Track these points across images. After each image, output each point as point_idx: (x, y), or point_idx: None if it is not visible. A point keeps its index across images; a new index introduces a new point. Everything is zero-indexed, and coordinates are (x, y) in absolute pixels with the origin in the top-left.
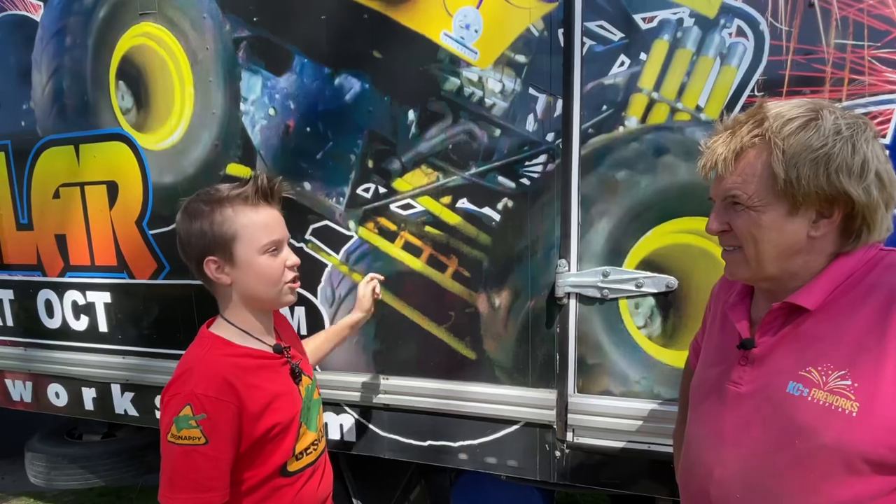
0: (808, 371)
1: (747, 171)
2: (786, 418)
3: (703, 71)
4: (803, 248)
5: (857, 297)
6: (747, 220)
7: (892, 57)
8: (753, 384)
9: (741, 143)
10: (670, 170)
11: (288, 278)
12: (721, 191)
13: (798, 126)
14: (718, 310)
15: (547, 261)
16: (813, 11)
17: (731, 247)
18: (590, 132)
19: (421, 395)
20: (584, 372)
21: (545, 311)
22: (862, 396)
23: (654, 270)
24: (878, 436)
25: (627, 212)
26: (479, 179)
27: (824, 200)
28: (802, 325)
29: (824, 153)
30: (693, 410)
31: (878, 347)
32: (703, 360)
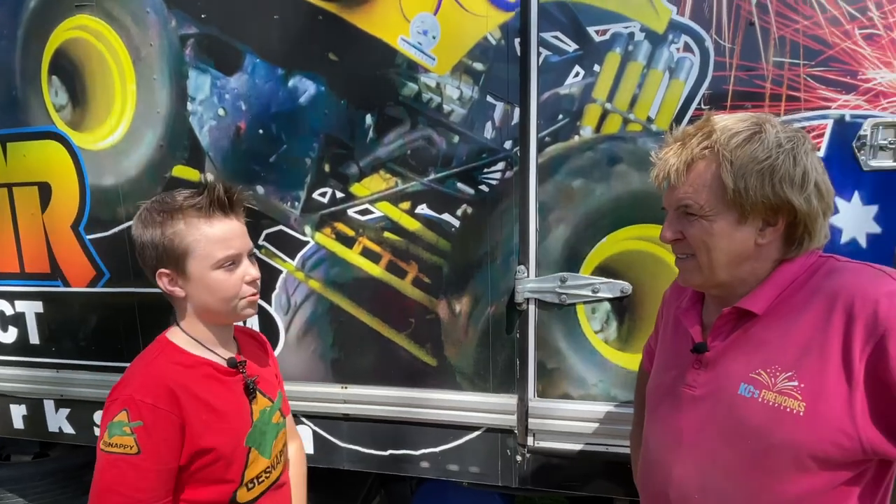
0: (757, 373)
1: (698, 181)
2: (738, 419)
3: (653, 84)
4: (751, 255)
5: (801, 301)
6: (700, 228)
7: (825, 75)
8: (707, 387)
9: (692, 154)
10: (623, 178)
11: (245, 293)
12: (674, 200)
13: (744, 139)
14: (671, 315)
15: (506, 267)
16: (754, 29)
17: (685, 255)
18: (546, 140)
19: (382, 404)
20: (544, 376)
21: (505, 317)
22: (808, 396)
23: (609, 276)
24: (823, 434)
25: (583, 219)
26: (439, 185)
27: (769, 209)
28: (751, 329)
29: (769, 165)
30: (650, 413)
31: (822, 350)
32: (657, 364)
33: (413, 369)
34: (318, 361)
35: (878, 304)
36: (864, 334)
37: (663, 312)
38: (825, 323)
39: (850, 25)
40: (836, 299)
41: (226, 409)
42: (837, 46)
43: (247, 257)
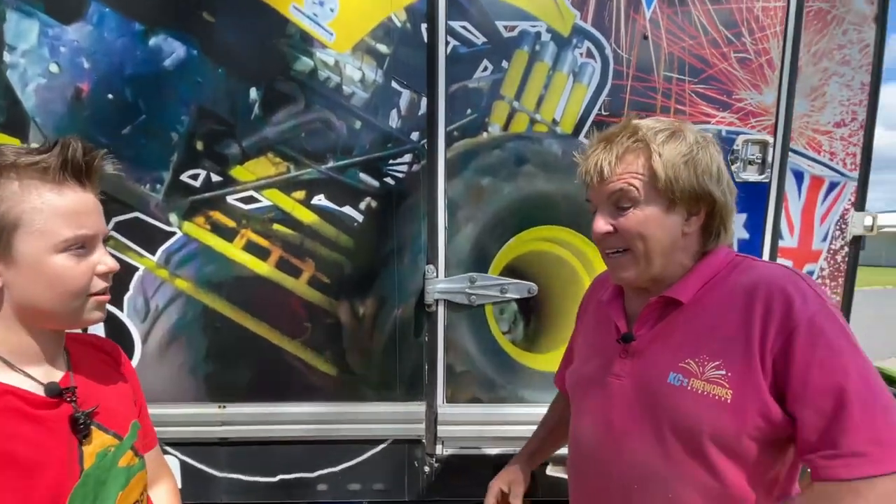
0: (686, 363)
1: (631, 170)
2: (669, 407)
3: (558, 86)
4: (679, 245)
5: (725, 295)
6: (634, 218)
7: (706, 92)
8: (636, 376)
9: (623, 147)
10: (530, 179)
11: (96, 288)
12: (605, 191)
13: (667, 136)
14: (591, 308)
15: (414, 266)
16: (647, 43)
17: (618, 249)
18: (455, 135)
19: (270, 423)
20: (453, 381)
21: (413, 320)
22: (734, 384)
23: (516, 276)
24: (747, 418)
25: (492, 218)
26: (339, 175)
27: (694, 199)
28: (677, 318)
29: (691, 157)
30: (577, 405)
31: (745, 341)
32: (581, 356)
33: (309, 381)
34: (186, 378)
35: (793, 303)
36: (777, 329)
37: (584, 307)
38: (747, 317)
39: (727, 48)
40: (757, 295)
41: (35, 459)
42: (716, 67)
43: (102, 243)
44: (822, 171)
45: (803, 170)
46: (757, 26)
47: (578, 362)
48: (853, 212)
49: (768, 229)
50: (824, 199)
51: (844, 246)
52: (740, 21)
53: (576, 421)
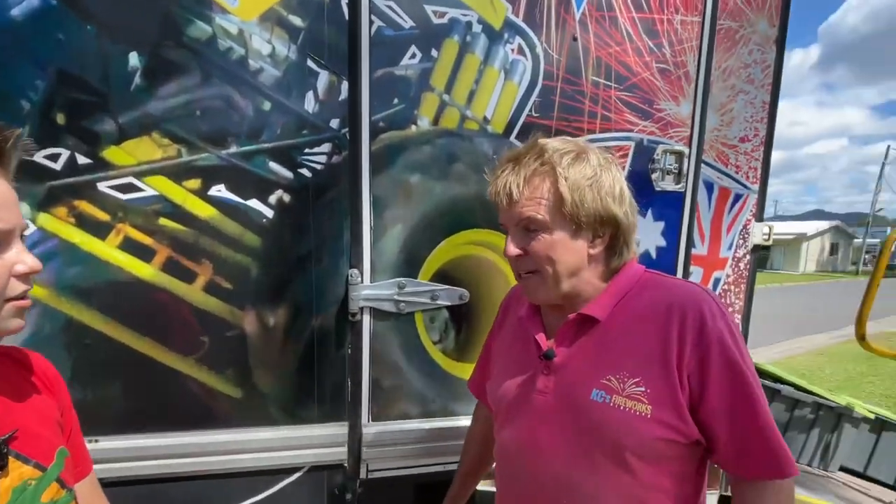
0: (608, 379)
1: (537, 195)
2: (593, 423)
3: (489, 82)
4: (585, 266)
5: (640, 311)
6: (542, 242)
7: (630, 100)
8: (559, 393)
9: (530, 170)
10: (461, 179)
11: (14, 292)
12: (515, 216)
13: (572, 159)
14: (508, 321)
15: (335, 270)
16: (577, 46)
17: (528, 272)
18: (381, 126)
19: (157, 458)
20: (379, 397)
21: (334, 330)
22: (652, 399)
23: (447, 282)
24: (666, 431)
25: (422, 219)
26: (243, 162)
27: (598, 222)
28: (595, 335)
29: (595, 180)
30: (503, 420)
31: (661, 358)
32: (503, 370)
33: (207, 406)
34: None
35: (706, 323)
36: (692, 347)
37: (502, 318)
38: (664, 335)
39: (650, 58)
40: (672, 314)
41: None
42: (640, 75)
43: (19, 238)
44: (728, 183)
45: (713, 181)
46: (676, 38)
47: (501, 376)
48: (754, 222)
49: (683, 237)
50: (730, 209)
51: (746, 254)
52: (661, 32)
53: (501, 434)
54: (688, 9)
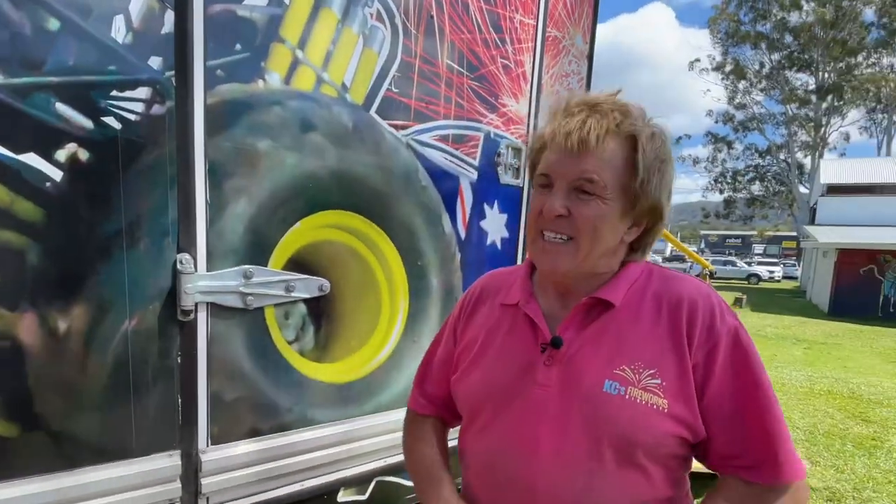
0: (621, 369)
1: (609, 156)
2: (608, 417)
3: (347, 45)
4: (614, 249)
5: (650, 302)
6: (595, 209)
7: (479, 91)
8: (565, 385)
9: (612, 125)
10: (318, 151)
11: None
12: (577, 171)
13: (651, 133)
14: (483, 312)
15: (157, 255)
16: (433, 25)
17: (563, 236)
18: (219, 74)
19: None
20: (221, 413)
21: (157, 335)
22: (668, 394)
23: (304, 271)
24: (681, 428)
25: (272, 195)
26: (15, 100)
27: (647, 209)
28: (607, 322)
29: (665, 166)
30: (486, 420)
31: (675, 350)
32: (481, 365)
33: None
34: None
35: (715, 318)
36: (701, 341)
37: (473, 311)
38: (676, 324)
39: (496, 52)
40: (681, 305)
41: None
42: (487, 67)
43: None
44: None
45: None
46: (516, 37)
47: (481, 373)
48: None
49: (521, 229)
50: None
51: None
52: (505, 28)
53: (481, 440)
54: (525, 10)
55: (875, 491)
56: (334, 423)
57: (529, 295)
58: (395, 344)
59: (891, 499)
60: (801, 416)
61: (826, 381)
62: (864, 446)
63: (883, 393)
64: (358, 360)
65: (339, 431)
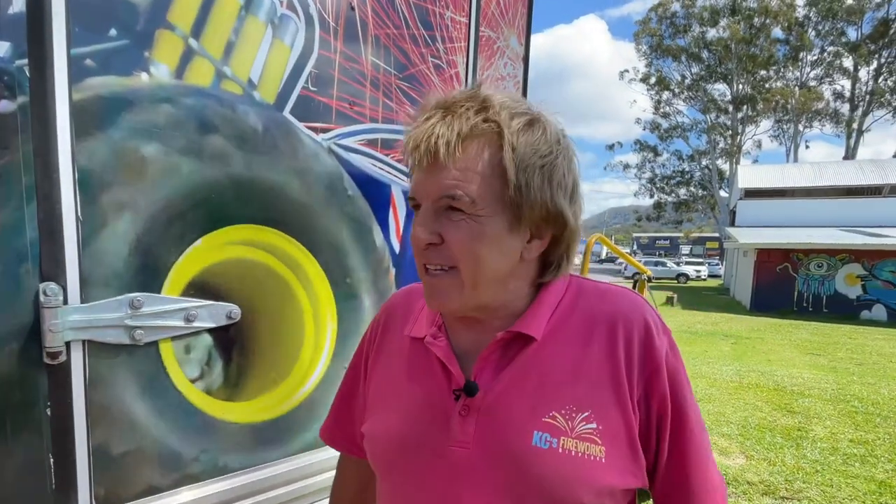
0: (551, 416)
1: (471, 165)
2: (539, 478)
3: (253, 35)
4: (515, 272)
5: (581, 328)
6: (469, 231)
7: (410, 92)
8: (486, 441)
9: (468, 125)
10: (222, 157)
11: None
12: (436, 185)
13: (525, 123)
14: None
15: (13, 286)
16: (354, 17)
17: (441, 267)
18: (88, 65)
19: None
20: (108, 472)
21: (17, 384)
22: (606, 438)
23: (208, 296)
24: (623, 475)
25: (165, 208)
26: None
27: (541, 218)
28: (529, 359)
29: (549, 162)
30: (397, 482)
31: (611, 383)
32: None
33: None
34: None
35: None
36: (640, 369)
37: (374, 346)
38: (610, 352)
39: (426, 50)
40: (616, 329)
41: None
42: (417, 67)
43: None
44: None
45: None
46: (447, 35)
47: (390, 423)
48: None
49: None
50: None
51: None
52: (435, 25)
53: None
54: (457, 7)
55: (804, 482)
56: (253, 469)
57: (438, 328)
58: (322, 372)
59: (819, 488)
60: (733, 410)
61: (753, 375)
62: (792, 437)
63: (804, 384)
64: (279, 394)
65: (260, 478)
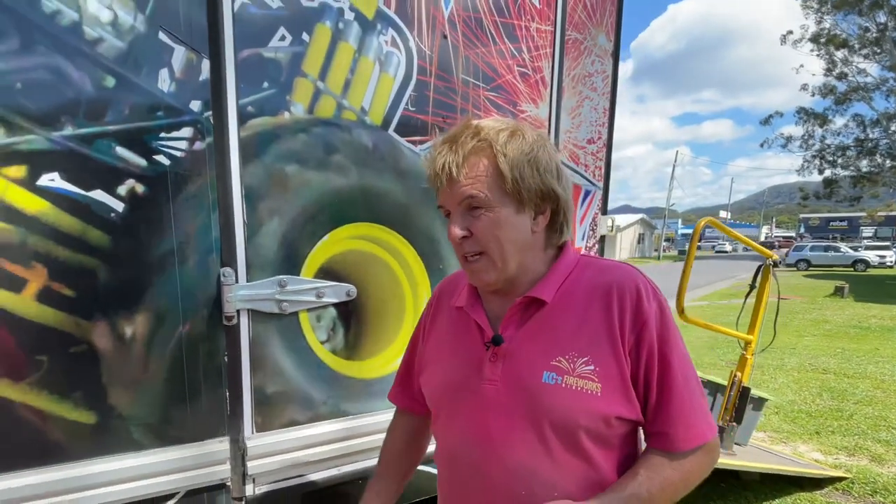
0: (558, 361)
1: (477, 173)
2: (547, 405)
3: (365, 72)
4: (530, 244)
5: (583, 294)
6: (488, 221)
7: (496, 100)
8: (509, 379)
9: (468, 148)
10: (342, 171)
11: None
12: (457, 195)
13: (508, 136)
14: (442, 315)
15: (204, 270)
16: (447, 44)
17: (475, 254)
18: (250, 111)
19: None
20: (264, 405)
21: (207, 337)
22: (601, 378)
23: (332, 278)
24: (615, 407)
25: (302, 212)
26: (83, 147)
27: (540, 197)
28: (542, 318)
29: (533, 156)
30: (445, 413)
31: (608, 337)
32: (442, 365)
33: (50, 436)
34: None
35: (641, 302)
36: (631, 325)
37: (434, 311)
38: (607, 315)
39: (512, 61)
40: (611, 293)
41: None
42: (504, 77)
43: None
44: (580, 181)
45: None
46: (533, 45)
47: (440, 371)
48: (600, 215)
49: None
50: (582, 204)
51: (595, 243)
52: (521, 37)
53: (445, 433)
54: (542, 17)
55: None
56: (364, 415)
57: (475, 299)
58: None
59: None
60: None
61: None
62: None
63: None
64: (385, 357)
65: (368, 423)
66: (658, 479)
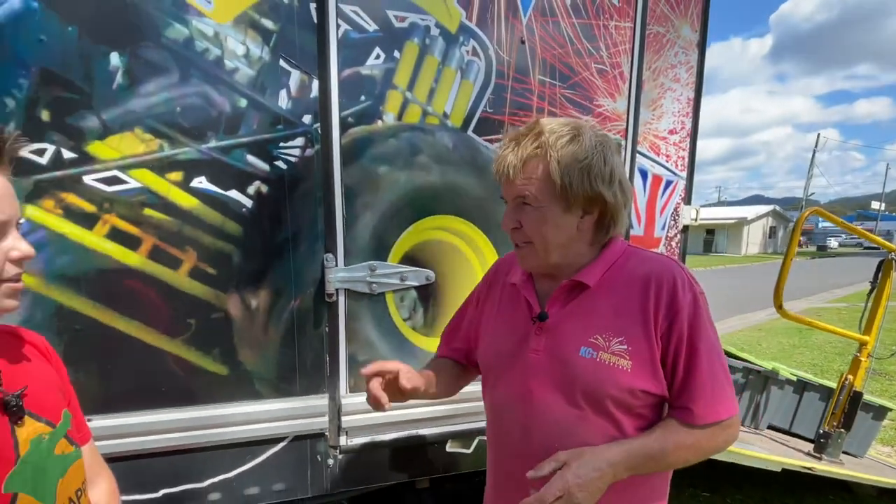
0: (594, 338)
1: (531, 176)
2: (581, 376)
3: (447, 80)
4: (574, 239)
5: (624, 281)
6: (535, 217)
7: (573, 97)
8: (551, 350)
9: (526, 153)
10: (425, 169)
11: (9, 274)
12: (513, 192)
13: (567, 141)
14: (497, 289)
15: (311, 255)
16: (524, 48)
17: (523, 243)
18: (350, 121)
19: (148, 434)
20: (356, 370)
21: (313, 311)
22: (632, 356)
23: (414, 264)
24: (642, 382)
25: (389, 207)
26: (222, 156)
27: (587, 201)
28: (584, 300)
29: (587, 164)
30: (494, 377)
31: (642, 321)
32: (495, 332)
33: (195, 382)
34: None
35: (677, 292)
36: (665, 313)
37: (491, 285)
38: (643, 300)
39: (589, 59)
40: (650, 284)
41: None
42: (581, 75)
43: (15, 227)
44: (660, 171)
45: (647, 169)
46: (611, 42)
47: (493, 337)
48: (683, 205)
49: None
50: (662, 194)
51: (677, 234)
52: (599, 36)
53: (494, 392)
54: (621, 15)
55: None
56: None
57: (527, 277)
58: None
59: None
60: None
61: None
62: None
63: None
64: None
65: None
66: (672, 438)
